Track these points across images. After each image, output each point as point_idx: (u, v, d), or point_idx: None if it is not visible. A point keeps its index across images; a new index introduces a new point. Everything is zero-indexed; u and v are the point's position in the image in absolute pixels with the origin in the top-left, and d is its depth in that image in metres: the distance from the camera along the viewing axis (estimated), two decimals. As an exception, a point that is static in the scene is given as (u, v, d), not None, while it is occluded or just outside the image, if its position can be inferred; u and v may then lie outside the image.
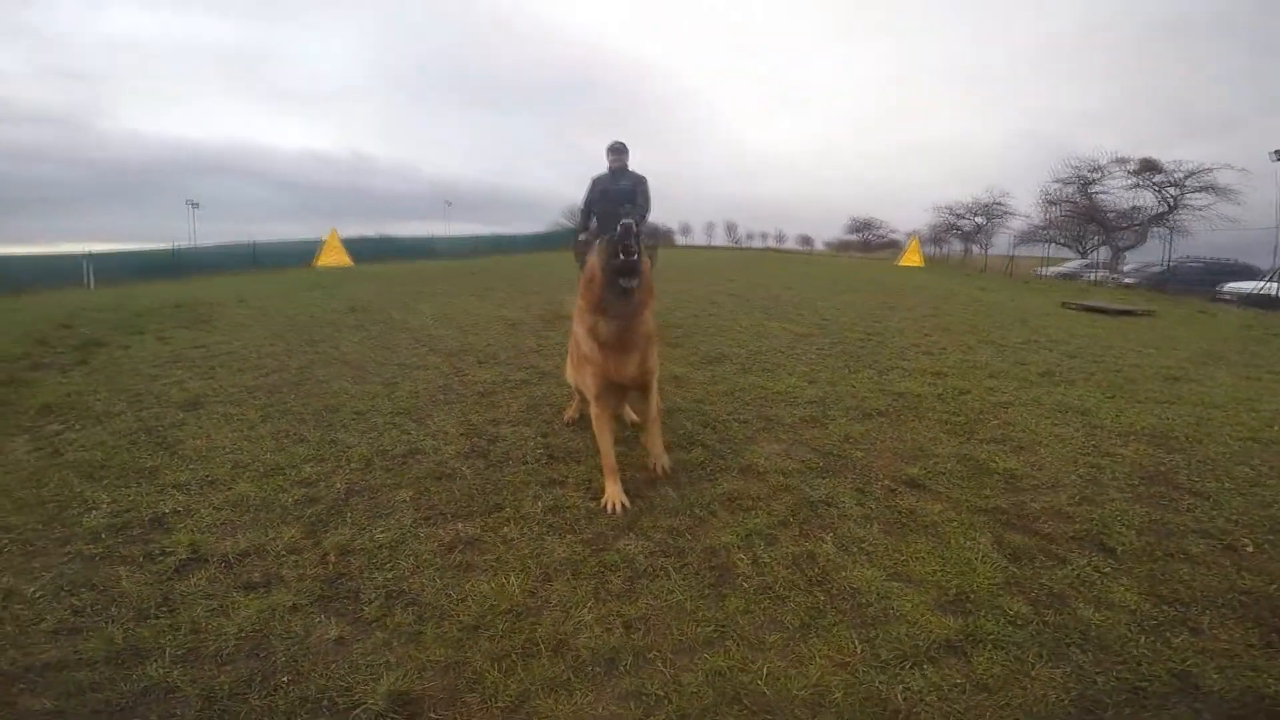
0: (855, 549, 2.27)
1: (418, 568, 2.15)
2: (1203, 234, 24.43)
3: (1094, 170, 27.81)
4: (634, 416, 3.46)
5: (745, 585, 2.05)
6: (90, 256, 20.80)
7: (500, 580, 2.07)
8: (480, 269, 17.68)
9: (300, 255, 23.81)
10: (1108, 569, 2.19)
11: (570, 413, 3.56)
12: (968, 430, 3.54)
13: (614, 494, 2.58)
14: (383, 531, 2.38)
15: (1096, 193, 28.21)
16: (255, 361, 5.24)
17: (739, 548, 2.25)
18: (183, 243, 26.20)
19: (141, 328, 7.52)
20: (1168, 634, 1.87)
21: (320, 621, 1.89)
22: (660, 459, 2.87)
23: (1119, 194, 27.61)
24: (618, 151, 6.03)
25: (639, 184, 6.02)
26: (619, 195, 5.94)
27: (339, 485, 2.77)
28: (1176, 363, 5.80)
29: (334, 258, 22.28)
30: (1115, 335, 7.55)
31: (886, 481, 2.81)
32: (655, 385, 2.88)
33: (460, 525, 2.42)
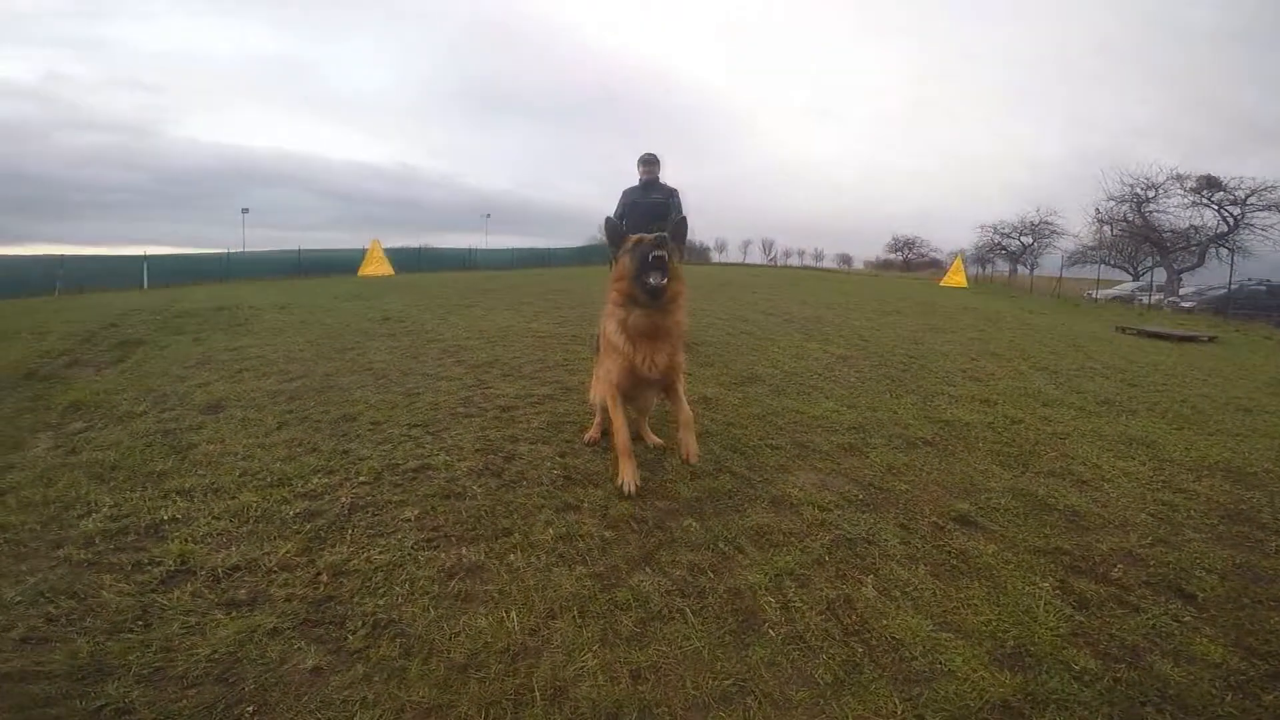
0: (899, 594, 2.02)
1: (412, 595, 1.97)
2: (1268, 255, 23.22)
3: (1149, 188, 26.65)
4: (655, 440, 3.27)
5: (772, 633, 1.82)
6: (147, 259, 21.68)
7: (499, 614, 1.88)
8: (515, 284, 17.74)
9: (345, 264, 24.37)
10: (1188, 618, 1.97)
11: (592, 433, 3.38)
12: (1023, 463, 3.26)
13: (628, 473, 2.68)
14: (381, 552, 2.22)
15: (1152, 211, 27.03)
16: (282, 366, 5.21)
17: (767, 589, 2.02)
18: (234, 248, 27.08)
19: (181, 329, 7.66)
20: (1258, 691, 1.67)
21: (299, 648, 1.73)
22: (690, 448, 2.71)
23: (1176, 213, 26.41)
24: (649, 163, 5.86)
25: (670, 196, 5.84)
26: (650, 209, 5.78)
27: (344, 499, 2.63)
28: (1247, 393, 5.45)
29: (376, 268, 22.69)
30: (1177, 362, 7.12)
31: (934, 518, 2.55)
32: (683, 387, 2.85)
33: (464, 550, 2.24)
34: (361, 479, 2.85)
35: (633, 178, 6.00)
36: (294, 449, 3.25)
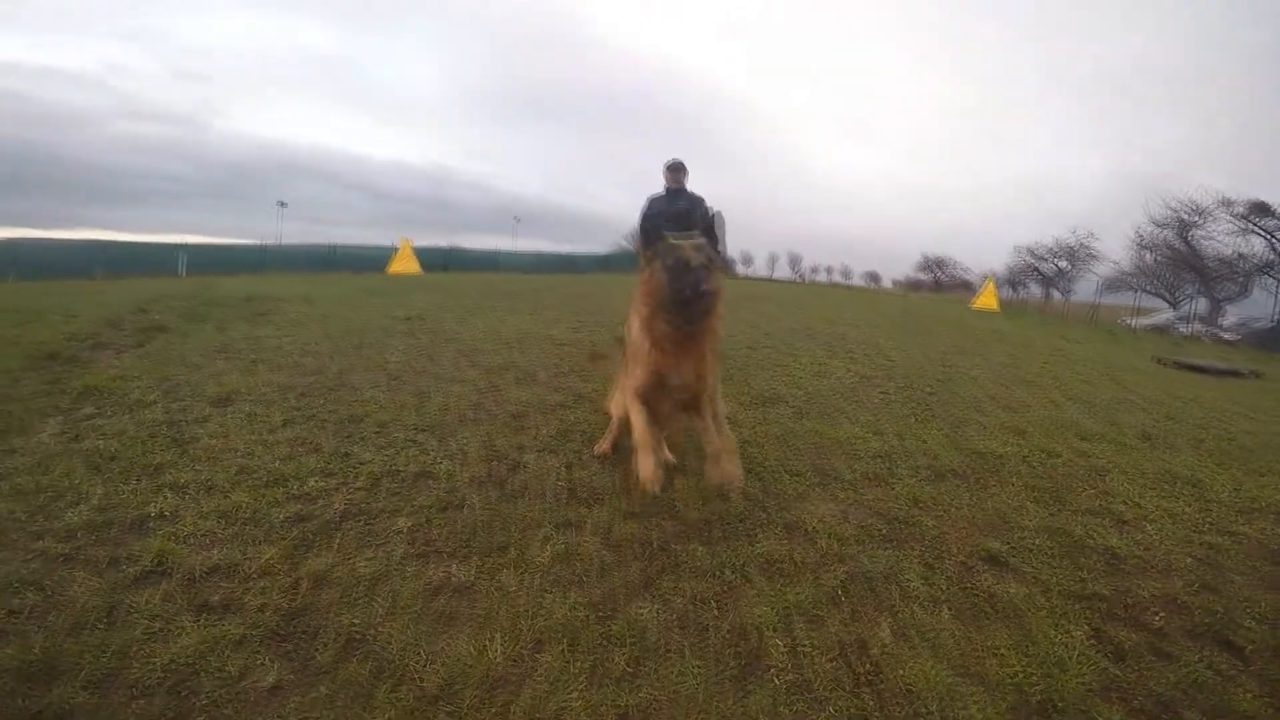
0: (917, 638, 1.85)
1: (392, 612, 1.85)
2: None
3: (1195, 213, 25.75)
4: (669, 456, 3.11)
5: (776, 679, 1.66)
6: (184, 247, 22.13)
7: (482, 640, 1.74)
8: (539, 288, 17.71)
9: (376, 261, 24.64)
10: (1230, 670, 1.79)
11: (604, 445, 3.22)
12: (1058, 499, 3.04)
13: (647, 467, 2.32)
14: (367, 563, 2.10)
15: (1197, 237, 26.12)
16: (297, 360, 5.16)
17: (774, 628, 1.85)
18: (270, 240, 27.62)
19: (206, 316, 7.69)
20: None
21: (262, 663, 1.62)
22: (729, 473, 2.50)
23: (1223, 239, 25.48)
24: (675, 170, 5.72)
25: (697, 205, 5.70)
26: (676, 217, 5.64)
27: (338, 504, 2.54)
28: None
29: (405, 265, 22.88)
30: (1219, 397, 6.75)
31: (961, 556, 2.36)
32: (713, 407, 2.65)
33: (454, 566, 2.12)
34: (359, 484, 2.75)
35: (658, 184, 5.88)
36: (295, 448, 3.17)
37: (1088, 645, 1.86)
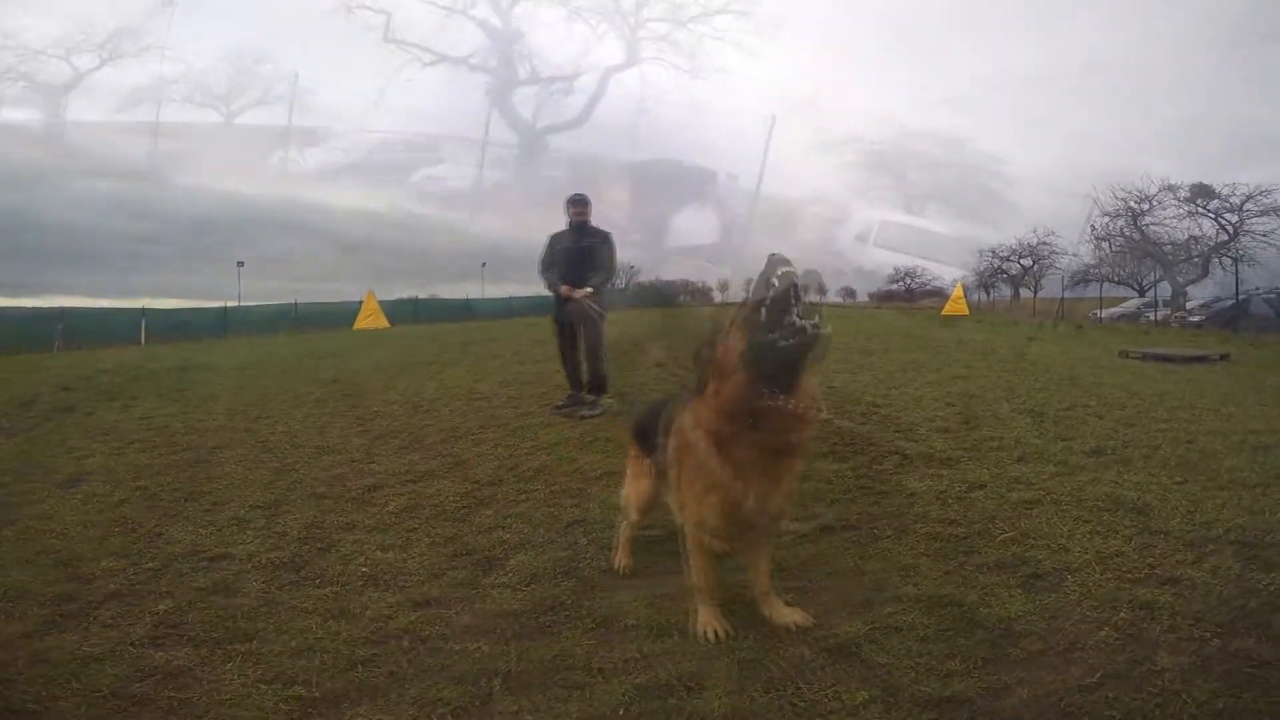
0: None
1: (83, 690, 1.73)
2: (1271, 261, 22.51)
3: (1142, 200, 26.11)
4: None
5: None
6: (145, 313, 21.73)
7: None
8: (498, 336, 17.38)
9: (343, 316, 24.36)
10: None
11: (623, 558, 2.46)
12: (966, 549, 2.52)
13: (708, 617, 1.97)
14: (94, 645, 2.01)
15: (1148, 224, 26.43)
16: (179, 438, 4.95)
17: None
18: (231, 301, 27.18)
19: (120, 393, 7.51)
20: None
21: None
22: (791, 617, 2.01)
23: (1174, 224, 25.89)
24: (580, 204, 5.42)
25: (604, 242, 5.40)
26: (581, 255, 5.32)
27: (111, 587, 2.42)
28: (1268, 424, 4.54)
29: (370, 320, 22.62)
30: (1186, 389, 6.20)
31: (802, 648, 1.85)
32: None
33: (183, 651, 1.95)
34: (150, 564, 2.62)
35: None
36: (112, 530, 3.05)
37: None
